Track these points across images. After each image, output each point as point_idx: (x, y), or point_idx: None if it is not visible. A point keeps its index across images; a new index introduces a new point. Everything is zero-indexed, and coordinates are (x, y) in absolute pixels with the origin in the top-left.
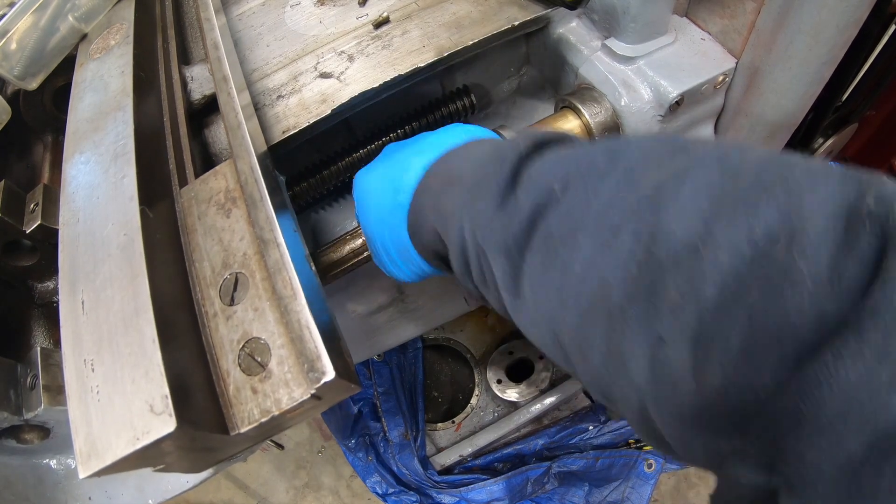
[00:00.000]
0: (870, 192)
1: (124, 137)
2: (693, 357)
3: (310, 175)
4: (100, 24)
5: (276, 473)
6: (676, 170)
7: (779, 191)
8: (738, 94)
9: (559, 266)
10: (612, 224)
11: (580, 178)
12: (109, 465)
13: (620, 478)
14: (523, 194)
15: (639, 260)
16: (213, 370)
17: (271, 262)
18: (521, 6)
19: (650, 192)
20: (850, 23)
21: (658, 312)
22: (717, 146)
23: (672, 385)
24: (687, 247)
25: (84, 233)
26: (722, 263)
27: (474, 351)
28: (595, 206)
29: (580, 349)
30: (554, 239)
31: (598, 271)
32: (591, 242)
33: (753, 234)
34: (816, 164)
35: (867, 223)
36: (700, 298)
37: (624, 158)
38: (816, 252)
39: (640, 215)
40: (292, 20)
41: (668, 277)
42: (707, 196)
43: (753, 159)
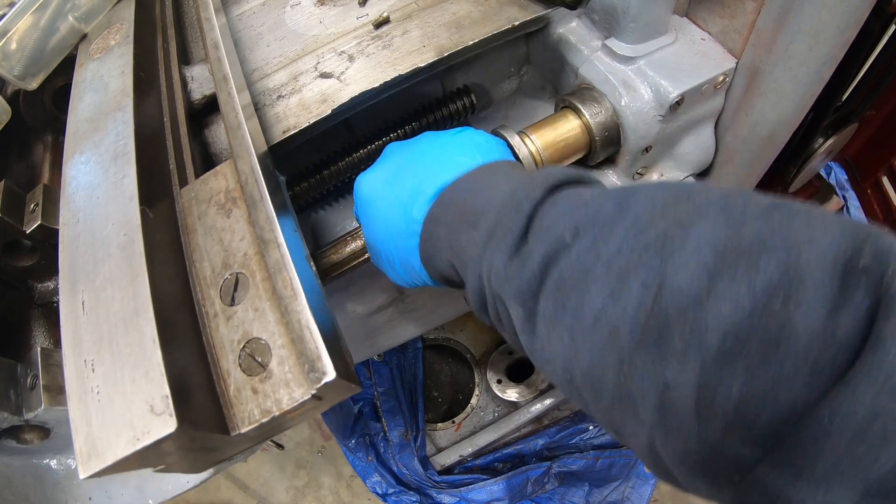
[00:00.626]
0: (867, 247)
1: (124, 137)
2: (696, 403)
3: (310, 175)
4: (100, 24)
5: (276, 473)
6: (681, 218)
7: (779, 245)
8: (738, 94)
9: (571, 311)
10: (621, 272)
11: (590, 227)
12: (110, 465)
13: (620, 478)
14: (535, 243)
15: (647, 310)
16: (214, 370)
17: (272, 262)
18: (521, 6)
19: (656, 242)
20: (851, 23)
21: (665, 360)
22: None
23: (678, 427)
24: (692, 299)
25: (84, 233)
26: (724, 315)
27: (474, 351)
28: (604, 254)
29: (592, 389)
30: (566, 284)
31: (608, 318)
32: (600, 290)
33: (754, 289)
34: (817, 213)
35: (862, 279)
36: (704, 348)
37: (632, 207)
38: (812, 307)
39: (647, 264)
40: (292, 20)
41: (674, 327)
42: (711, 248)
43: (756, 208)
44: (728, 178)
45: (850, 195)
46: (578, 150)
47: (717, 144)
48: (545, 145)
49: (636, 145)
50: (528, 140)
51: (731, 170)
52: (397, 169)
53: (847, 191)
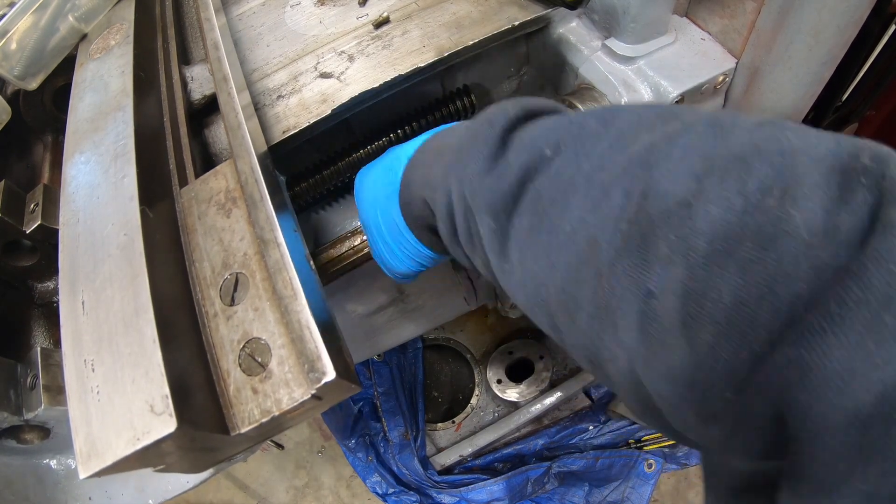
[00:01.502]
0: (865, 152)
1: (124, 137)
2: (683, 311)
3: (310, 175)
4: (100, 24)
5: (276, 473)
6: (668, 132)
7: (772, 150)
8: (738, 94)
9: (547, 227)
10: (603, 184)
11: (571, 141)
12: (110, 465)
13: (620, 478)
14: (513, 156)
15: (629, 217)
16: (214, 370)
17: (271, 262)
18: (522, 6)
19: (642, 153)
20: (850, 23)
21: (648, 267)
22: (710, 113)
23: (662, 342)
24: (678, 202)
25: (84, 233)
26: (713, 216)
27: (474, 351)
28: (586, 167)
29: (567, 310)
30: (543, 200)
31: (587, 230)
32: (581, 203)
33: (746, 188)
34: (811, 128)
35: (863, 179)
36: (691, 252)
37: (616, 123)
38: (811, 204)
39: (631, 174)
40: (292, 20)
41: (658, 232)
42: (699, 155)
43: (746, 122)
44: None
45: None
46: None
47: None
48: None
49: None
50: None
51: None
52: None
53: None
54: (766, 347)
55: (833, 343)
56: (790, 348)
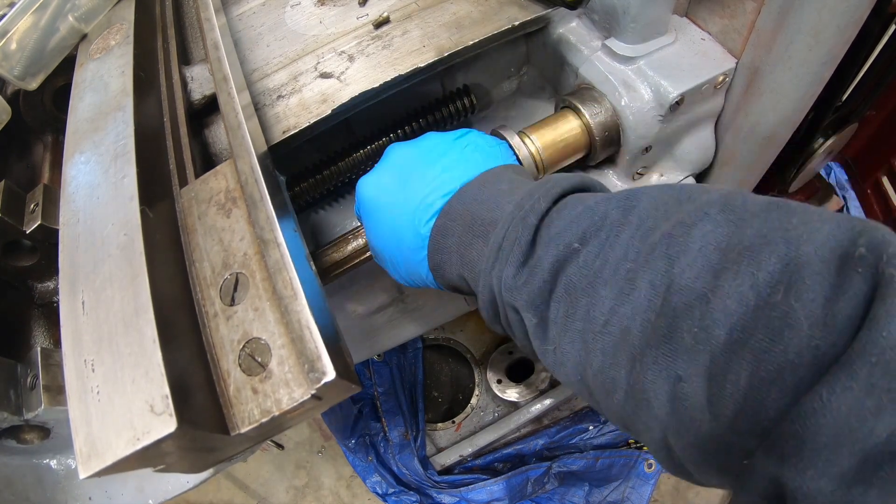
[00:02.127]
0: (862, 238)
1: (124, 137)
2: (708, 392)
3: (310, 175)
4: (100, 24)
5: (276, 473)
6: (683, 219)
7: (779, 240)
8: (738, 94)
9: (581, 315)
10: (629, 274)
11: (595, 232)
12: (110, 465)
13: (620, 478)
14: (543, 251)
15: (656, 309)
16: (214, 370)
17: (271, 262)
18: (521, 6)
19: (661, 244)
20: (850, 23)
21: (675, 355)
22: (721, 195)
23: (690, 418)
24: (698, 296)
25: (84, 233)
26: (730, 310)
27: (474, 351)
28: (611, 258)
29: (605, 388)
30: (576, 290)
31: (619, 320)
32: (609, 292)
33: (757, 283)
34: (814, 210)
35: (859, 268)
36: (711, 341)
37: (635, 211)
38: (811, 296)
39: (653, 266)
40: (292, 20)
41: (682, 324)
42: (714, 248)
43: (755, 207)
44: (728, 178)
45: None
46: (578, 151)
47: (717, 144)
48: (545, 145)
49: (636, 145)
50: (527, 140)
51: (731, 170)
52: (402, 175)
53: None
54: (772, 423)
55: (823, 422)
56: (790, 425)
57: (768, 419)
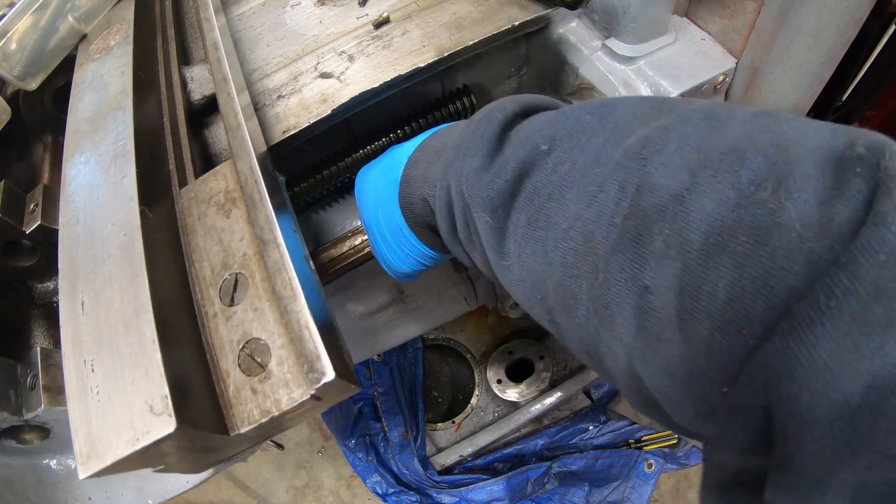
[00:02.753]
0: (860, 141)
1: (124, 138)
2: (679, 306)
3: (310, 175)
4: (99, 24)
5: (276, 473)
6: (663, 124)
7: (766, 141)
8: (738, 94)
9: (544, 223)
10: (598, 178)
11: (567, 136)
12: (109, 465)
13: (620, 478)
14: (510, 151)
15: (624, 211)
16: (213, 370)
17: (271, 262)
18: (522, 6)
19: (637, 146)
20: (850, 23)
21: (643, 262)
22: (705, 104)
23: (658, 337)
24: (672, 196)
25: (84, 233)
26: (707, 210)
27: (474, 351)
28: (581, 161)
29: (565, 305)
30: (540, 196)
31: (583, 225)
32: (576, 197)
33: (739, 180)
34: (806, 119)
35: (857, 168)
36: (685, 246)
37: (611, 116)
38: (805, 195)
39: (626, 168)
40: (292, 20)
41: (653, 227)
42: (694, 148)
43: (741, 114)
44: None
45: None
46: None
47: None
48: None
49: None
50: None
51: None
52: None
53: None
54: (759, 340)
55: (821, 334)
56: (780, 340)
57: (753, 336)
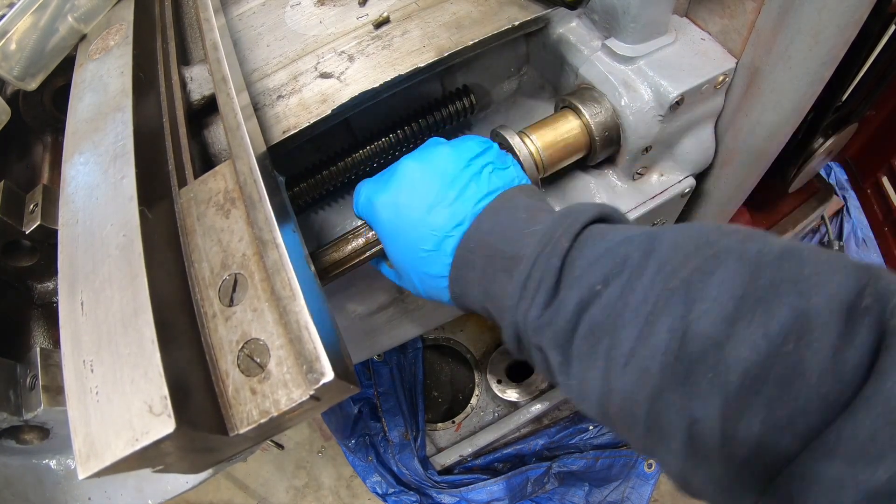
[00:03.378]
0: (868, 288)
1: (123, 138)
2: (722, 435)
3: (310, 175)
4: (99, 24)
5: (276, 473)
6: (700, 266)
7: (791, 291)
8: (738, 94)
9: (603, 353)
10: (648, 317)
11: (617, 275)
12: (108, 465)
13: (620, 478)
14: (567, 293)
15: (673, 352)
16: (213, 371)
17: (270, 262)
18: (521, 6)
19: (680, 289)
20: (850, 23)
21: (691, 397)
22: (738, 241)
23: (706, 457)
24: (713, 343)
25: (83, 233)
26: (742, 358)
27: (474, 351)
28: (632, 301)
29: (626, 422)
30: (597, 329)
31: (638, 360)
32: (630, 334)
33: (769, 332)
34: (827, 259)
35: (866, 318)
36: (725, 387)
37: (655, 254)
38: (820, 346)
39: (671, 311)
40: (292, 20)
41: (698, 369)
42: (729, 297)
43: (769, 256)
44: (728, 178)
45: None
46: (578, 150)
47: (717, 144)
48: (545, 145)
49: (636, 145)
50: (528, 140)
51: (731, 170)
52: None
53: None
54: (783, 464)
55: (830, 465)
56: (800, 466)
57: (780, 461)
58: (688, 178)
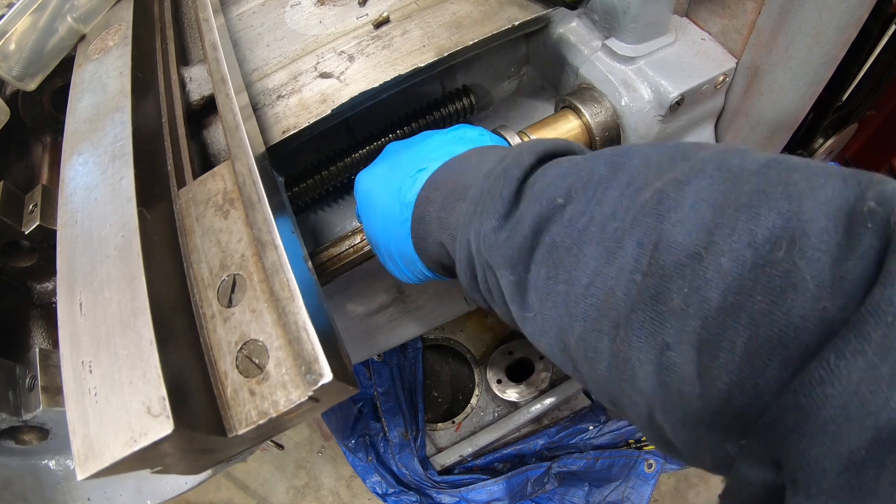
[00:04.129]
0: (871, 192)
1: (122, 138)
2: (698, 362)
3: (309, 175)
4: (98, 24)
5: (276, 473)
6: (677, 177)
7: (779, 195)
8: (738, 94)
9: (564, 277)
10: (616, 233)
11: (582, 190)
12: (107, 466)
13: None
14: (525, 206)
15: (643, 269)
16: (211, 372)
17: (269, 263)
18: (522, 6)
19: (653, 202)
20: (850, 23)
21: (663, 319)
22: (718, 151)
23: (678, 391)
24: (690, 254)
25: (82, 234)
26: (724, 269)
27: (474, 351)
28: (598, 216)
29: (587, 357)
30: (558, 250)
31: (603, 281)
32: (595, 252)
33: (755, 240)
34: (817, 166)
35: (868, 223)
36: (704, 304)
37: (625, 168)
38: (818, 254)
39: (642, 224)
40: (292, 20)
41: (671, 285)
42: (709, 204)
43: (754, 164)
44: None
45: None
46: None
47: None
48: None
49: None
50: (528, 140)
51: None
52: (393, 163)
53: None
54: (772, 396)
55: (831, 393)
56: (793, 396)
57: (768, 392)
58: None
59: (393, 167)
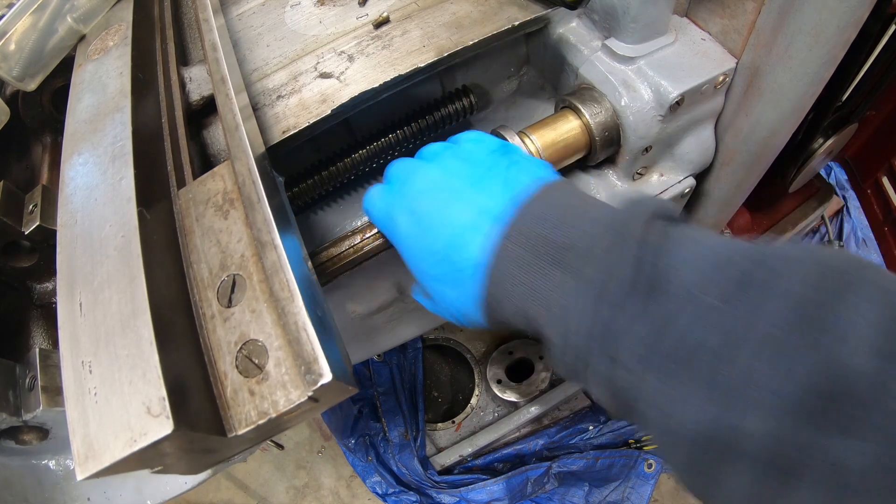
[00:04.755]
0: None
1: (122, 139)
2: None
3: (309, 175)
4: (98, 25)
5: (276, 473)
6: (836, 290)
7: None
8: (738, 94)
9: (707, 378)
10: (779, 346)
11: (740, 294)
12: (107, 466)
13: (620, 478)
14: (677, 307)
15: (818, 389)
16: (211, 372)
17: (269, 263)
18: (521, 6)
19: (815, 318)
20: (850, 23)
21: (844, 439)
22: (864, 266)
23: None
24: (871, 382)
25: (82, 234)
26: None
27: (474, 351)
28: (759, 326)
29: (734, 463)
30: (701, 349)
31: (770, 396)
32: (758, 364)
33: None
34: None
35: None
36: (887, 430)
37: (779, 275)
38: None
39: (808, 341)
40: (292, 20)
41: (852, 410)
42: (874, 329)
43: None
44: (728, 178)
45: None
46: (578, 151)
47: (717, 144)
48: (545, 145)
49: (636, 145)
50: (528, 140)
51: (731, 170)
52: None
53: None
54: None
55: None
56: None
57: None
58: (688, 178)
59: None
